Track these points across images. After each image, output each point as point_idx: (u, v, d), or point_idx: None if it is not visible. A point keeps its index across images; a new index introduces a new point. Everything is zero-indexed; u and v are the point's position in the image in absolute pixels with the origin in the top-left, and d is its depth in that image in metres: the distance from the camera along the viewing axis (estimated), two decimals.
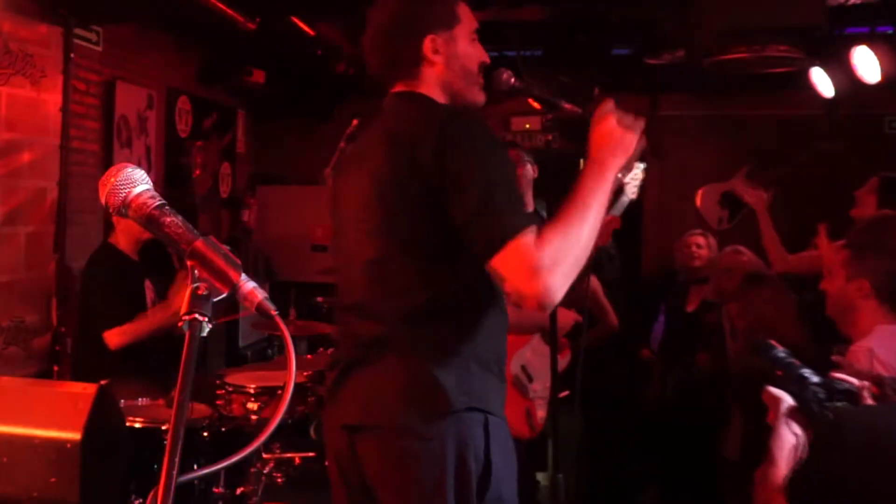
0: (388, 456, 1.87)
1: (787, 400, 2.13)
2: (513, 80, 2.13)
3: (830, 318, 2.91)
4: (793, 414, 2.08)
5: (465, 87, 2.05)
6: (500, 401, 1.94)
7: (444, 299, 1.87)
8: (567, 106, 2.35)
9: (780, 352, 2.23)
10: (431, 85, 2.02)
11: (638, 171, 4.36)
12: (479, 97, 2.09)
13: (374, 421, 1.90)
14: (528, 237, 1.72)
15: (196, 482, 3.22)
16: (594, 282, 4.95)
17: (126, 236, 3.99)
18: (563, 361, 1.96)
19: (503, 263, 1.73)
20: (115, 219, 3.94)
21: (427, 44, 2.00)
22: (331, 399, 2.04)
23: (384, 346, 1.91)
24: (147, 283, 4.16)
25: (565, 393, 2.01)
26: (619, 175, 4.41)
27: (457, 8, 2.05)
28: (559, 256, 1.71)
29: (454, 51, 2.02)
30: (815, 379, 2.09)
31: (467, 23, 2.05)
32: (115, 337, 3.83)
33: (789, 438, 2.06)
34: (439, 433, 1.83)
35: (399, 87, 2.06)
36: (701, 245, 5.10)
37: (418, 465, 1.84)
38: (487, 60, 2.09)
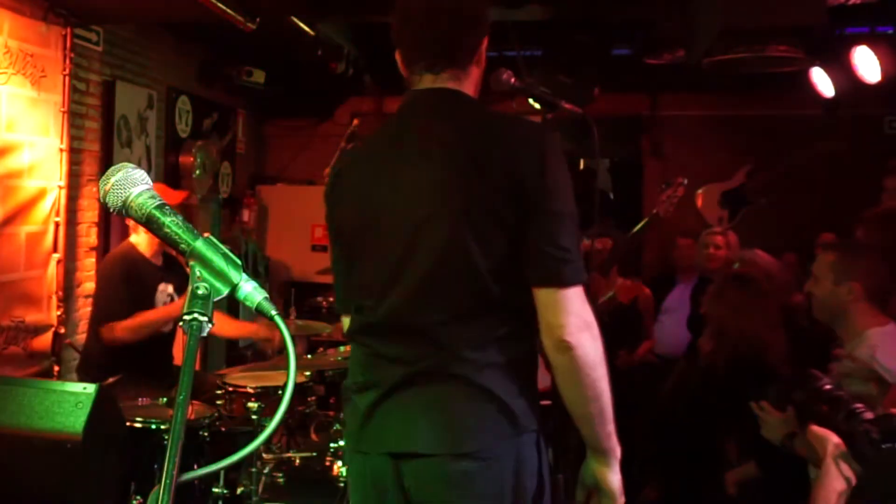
0: (447, 479, 1.80)
1: (834, 440, 1.96)
2: (513, 79, 2.13)
3: (818, 320, 2.92)
4: (844, 456, 1.90)
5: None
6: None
7: (518, 321, 1.82)
8: (567, 106, 2.35)
9: (826, 383, 2.10)
10: (471, 84, 1.96)
11: (679, 188, 4.35)
12: None
13: (435, 450, 1.81)
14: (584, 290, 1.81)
15: (196, 482, 3.22)
16: (650, 296, 4.99)
17: (147, 238, 4.00)
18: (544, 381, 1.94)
19: (570, 299, 1.77)
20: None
21: (483, 44, 1.96)
22: (365, 424, 1.90)
23: (445, 369, 1.82)
24: (161, 287, 4.11)
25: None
26: (661, 188, 4.40)
27: None
28: (599, 349, 1.80)
29: (485, 55, 2.00)
30: (869, 415, 1.91)
31: None
32: (108, 332, 3.83)
33: (837, 485, 1.89)
34: (500, 454, 1.80)
35: (440, 83, 1.92)
36: (720, 245, 4.94)
37: (479, 488, 1.79)
38: None
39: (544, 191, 1.78)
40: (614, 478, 1.88)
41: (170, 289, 4.15)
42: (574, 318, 1.77)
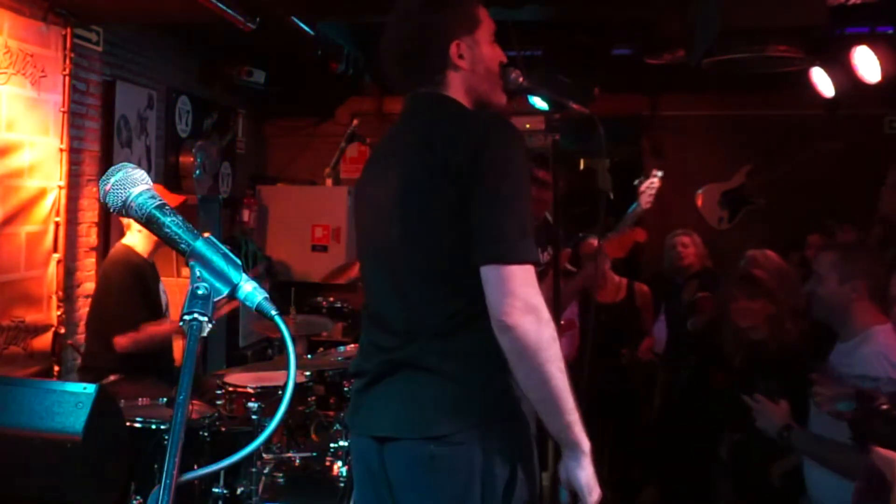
0: (416, 462, 1.86)
1: None
2: (521, 79, 2.13)
3: (819, 319, 2.93)
4: None
5: (490, 90, 2.05)
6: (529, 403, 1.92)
7: (476, 308, 1.84)
8: (575, 106, 2.35)
9: (883, 402, 2.09)
10: (457, 89, 2.00)
11: (655, 179, 4.35)
12: (502, 98, 2.09)
13: (404, 434, 1.88)
14: (533, 273, 1.78)
15: (196, 482, 3.22)
16: (648, 293, 5.00)
17: (143, 238, 4.01)
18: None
19: (508, 278, 1.76)
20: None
21: (452, 49, 1.98)
22: (356, 409, 2.03)
23: (414, 359, 1.89)
24: (161, 286, 4.15)
25: None
26: (636, 182, 4.41)
27: (477, 11, 2.04)
28: (545, 332, 1.77)
29: (478, 54, 2.01)
30: None
31: (487, 24, 2.05)
32: (123, 341, 3.85)
33: None
34: (468, 440, 1.83)
35: (423, 90, 2.03)
36: (687, 244, 5.15)
37: (446, 471, 1.83)
38: (505, 60, 2.09)
39: (481, 171, 1.81)
40: (581, 473, 1.87)
41: (163, 287, 4.17)
42: (512, 300, 1.75)
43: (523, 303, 1.76)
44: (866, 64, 5.10)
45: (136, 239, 4.04)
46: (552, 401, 1.80)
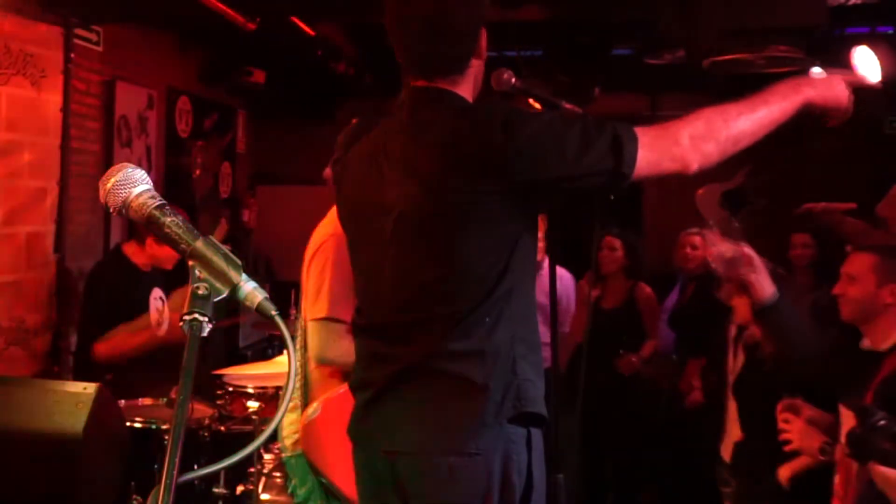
0: (434, 475, 1.82)
1: None
2: (513, 79, 2.11)
3: (848, 322, 2.89)
4: None
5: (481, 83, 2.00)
6: (540, 393, 1.89)
7: (489, 309, 1.81)
8: (567, 106, 2.34)
9: (881, 418, 2.02)
10: (469, 81, 1.93)
11: None
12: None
13: (418, 448, 1.84)
14: (638, 128, 1.82)
15: (196, 482, 3.22)
16: (650, 295, 4.96)
17: (143, 253, 3.87)
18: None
19: (646, 152, 1.79)
20: (148, 236, 3.76)
21: (482, 35, 1.92)
22: (363, 420, 1.96)
23: (427, 365, 1.84)
24: (156, 293, 4.04)
25: None
26: None
27: None
28: (700, 128, 1.92)
29: (485, 43, 1.95)
30: None
31: None
32: (103, 351, 3.70)
33: None
34: (484, 448, 1.80)
35: (433, 83, 1.90)
36: (696, 246, 4.97)
37: (465, 483, 1.80)
38: None
39: (519, 145, 1.76)
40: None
41: (161, 294, 4.08)
42: (668, 161, 1.84)
43: (671, 154, 1.85)
44: (866, 64, 5.10)
45: (133, 248, 3.90)
46: (760, 125, 2.03)
